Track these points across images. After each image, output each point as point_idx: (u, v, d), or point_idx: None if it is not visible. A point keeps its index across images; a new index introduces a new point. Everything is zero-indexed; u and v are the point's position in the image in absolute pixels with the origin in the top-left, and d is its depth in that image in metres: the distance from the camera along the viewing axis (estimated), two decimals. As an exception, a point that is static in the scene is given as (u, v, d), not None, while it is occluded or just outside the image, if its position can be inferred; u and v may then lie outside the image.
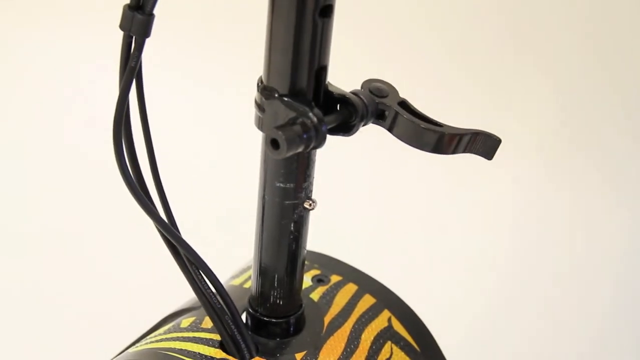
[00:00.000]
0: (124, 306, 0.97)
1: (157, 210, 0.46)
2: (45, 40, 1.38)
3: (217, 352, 0.48)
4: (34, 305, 0.98)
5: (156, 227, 0.46)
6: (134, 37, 0.41)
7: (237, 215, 1.06)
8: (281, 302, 0.49)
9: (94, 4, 1.34)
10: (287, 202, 0.46)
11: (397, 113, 0.43)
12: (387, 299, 0.55)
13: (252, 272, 0.51)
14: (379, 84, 0.44)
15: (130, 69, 0.41)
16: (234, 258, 0.64)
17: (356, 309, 0.54)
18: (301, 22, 0.40)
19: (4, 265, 1.04)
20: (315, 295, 0.54)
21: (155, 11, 0.41)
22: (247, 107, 0.45)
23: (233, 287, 0.56)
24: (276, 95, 0.42)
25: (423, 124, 0.43)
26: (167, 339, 0.51)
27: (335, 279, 0.56)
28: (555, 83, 1.30)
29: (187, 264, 0.47)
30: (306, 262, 0.52)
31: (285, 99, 0.41)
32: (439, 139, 0.43)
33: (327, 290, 0.55)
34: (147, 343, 0.52)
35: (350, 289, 0.56)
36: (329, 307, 0.53)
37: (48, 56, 1.36)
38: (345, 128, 0.43)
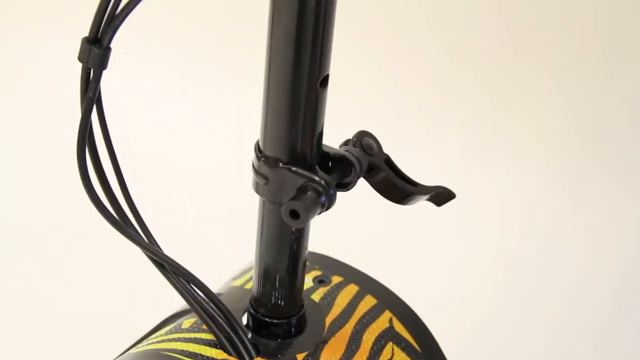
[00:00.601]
0: (125, 307, 0.97)
1: (135, 232, 0.46)
2: (45, 40, 1.38)
3: (219, 353, 0.48)
4: (33, 305, 0.98)
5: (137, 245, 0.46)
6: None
7: (237, 216, 1.06)
8: (282, 303, 0.49)
9: (93, 5, 1.34)
10: (288, 202, 0.46)
11: (383, 171, 0.46)
12: (389, 300, 0.56)
13: (253, 273, 0.51)
14: (369, 140, 0.46)
15: (89, 100, 0.41)
16: (234, 259, 0.64)
17: (357, 310, 0.54)
18: (303, 94, 0.42)
19: (4, 266, 1.04)
20: (316, 296, 0.54)
21: (158, 11, 0.41)
22: (247, 107, 0.45)
23: (234, 289, 0.56)
24: (281, 164, 0.43)
25: (403, 185, 0.46)
26: (168, 340, 0.51)
27: (336, 279, 0.56)
28: (556, 84, 1.30)
29: (174, 278, 0.47)
30: (307, 263, 0.52)
31: (291, 167, 0.43)
32: (411, 197, 0.47)
33: (328, 291, 0.55)
34: (148, 344, 0.52)
35: (352, 289, 0.56)
36: (330, 308, 0.53)
37: (48, 56, 1.36)
38: (343, 184, 0.45)
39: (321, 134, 0.44)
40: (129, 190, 0.47)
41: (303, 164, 0.43)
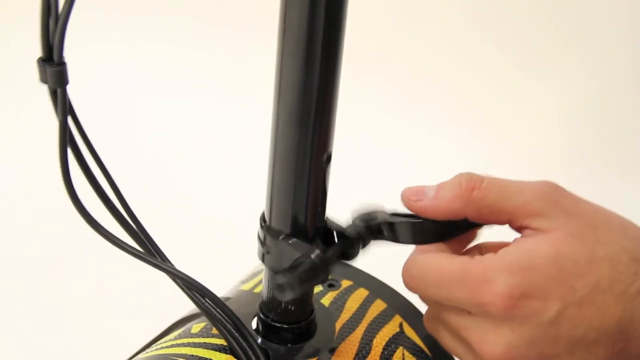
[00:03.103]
0: (134, 311, 0.97)
1: (141, 247, 0.46)
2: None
3: (229, 359, 0.48)
4: (41, 308, 0.98)
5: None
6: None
7: (246, 217, 1.06)
8: (292, 308, 0.49)
9: (92, 4, 1.34)
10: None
11: (392, 223, 0.46)
12: (398, 304, 0.55)
13: (262, 277, 0.50)
14: (368, 213, 0.47)
15: (61, 124, 0.40)
16: (244, 260, 0.64)
17: (367, 314, 0.53)
18: (306, 172, 0.43)
19: (7, 268, 1.04)
20: (326, 301, 0.54)
21: (163, 11, 0.40)
22: (248, 108, 0.44)
23: (243, 292, 0.55)
24: (281, 237, 0.44)
25: (419, 220, 0.46)
26: (178, 345, 0.50)
27: (346, 283, 0.56)
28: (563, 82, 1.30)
29: (185, 290, 0.47)
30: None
31: (290, 240, 0.44)
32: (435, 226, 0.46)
33: (338, 295, 0.55)
34: (157, 349, 0.51)
35: (361, 294, 0.55)
36: (340, 312, 0.53)
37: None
38: (346, 255, 0.46)
39: (324, 208, 0.45)
40: (129, 205, 0.47)
41: (304, 237, 0.44)
